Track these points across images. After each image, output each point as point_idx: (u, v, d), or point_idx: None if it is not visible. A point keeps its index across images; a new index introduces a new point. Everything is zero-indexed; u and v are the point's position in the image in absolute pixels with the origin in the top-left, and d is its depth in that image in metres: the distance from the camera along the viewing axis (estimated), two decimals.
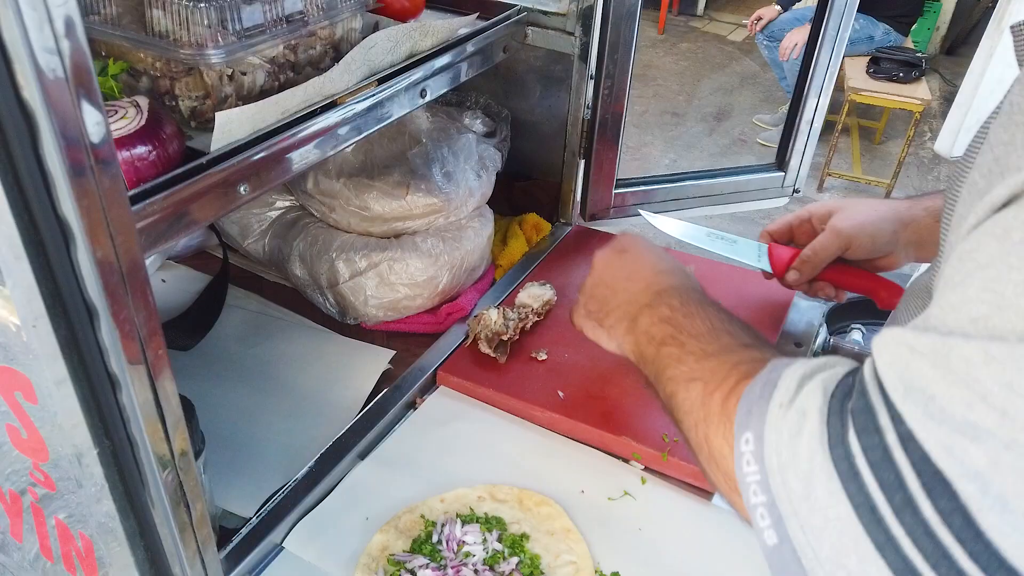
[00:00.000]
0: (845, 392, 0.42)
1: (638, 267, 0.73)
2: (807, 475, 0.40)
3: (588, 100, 1.11)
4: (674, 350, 0.61)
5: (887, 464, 0.37)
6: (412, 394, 0.91)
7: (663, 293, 0.67)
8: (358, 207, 0.98)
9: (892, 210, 0.85)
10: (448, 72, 0.95)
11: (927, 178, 4.16)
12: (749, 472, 0.45)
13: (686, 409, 0.56)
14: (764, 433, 0.44)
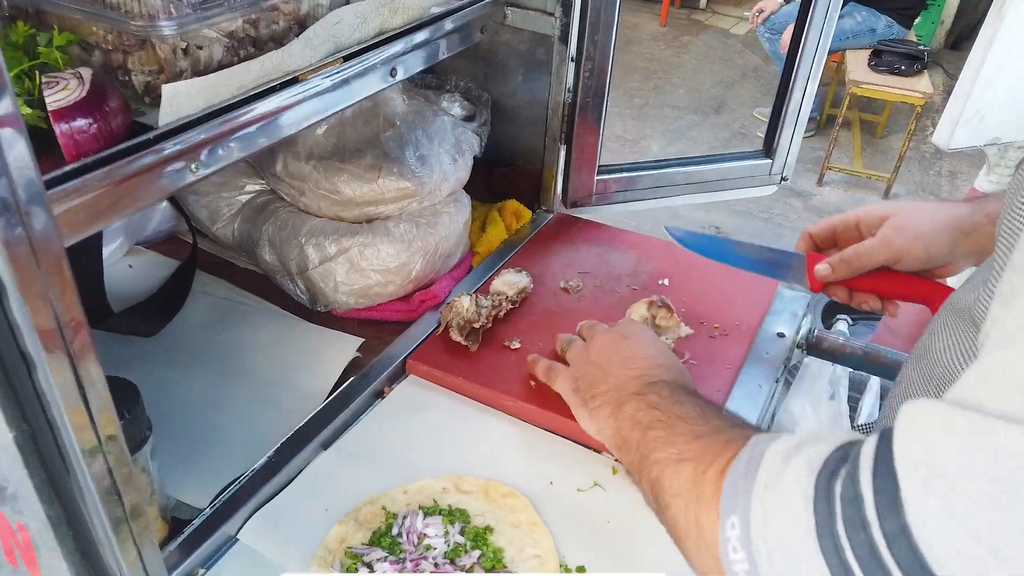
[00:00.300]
0: (832, 471, 0.40)
1: (635, 356, 0.73)
2: (796, 561, 0.39)
3: (569, 83, 1.08)
4: (661, 433, 0.59)
5: (874, 563, 0.36)
6: (380, 383, 0.88)
7: (654, 384, 0.67)
8: (328, 191, 0.96)
9: (952, 217, 0.76)
10: (421, 51, 0.92)
11: (928, 173, 4.12)
12: (736, 560, 0.43)
13: (675, 491, 0.53)
14: (750, 517, 0.43)
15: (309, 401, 0.86)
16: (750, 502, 0.43)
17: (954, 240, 0.76)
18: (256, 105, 0.69)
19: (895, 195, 3.86)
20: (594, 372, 0.75)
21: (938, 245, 0.76)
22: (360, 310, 1.00)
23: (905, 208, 0.78)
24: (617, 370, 0.72)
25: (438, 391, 0.88)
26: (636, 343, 0.76)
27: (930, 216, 0.77)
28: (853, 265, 0.79)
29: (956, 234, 0.75)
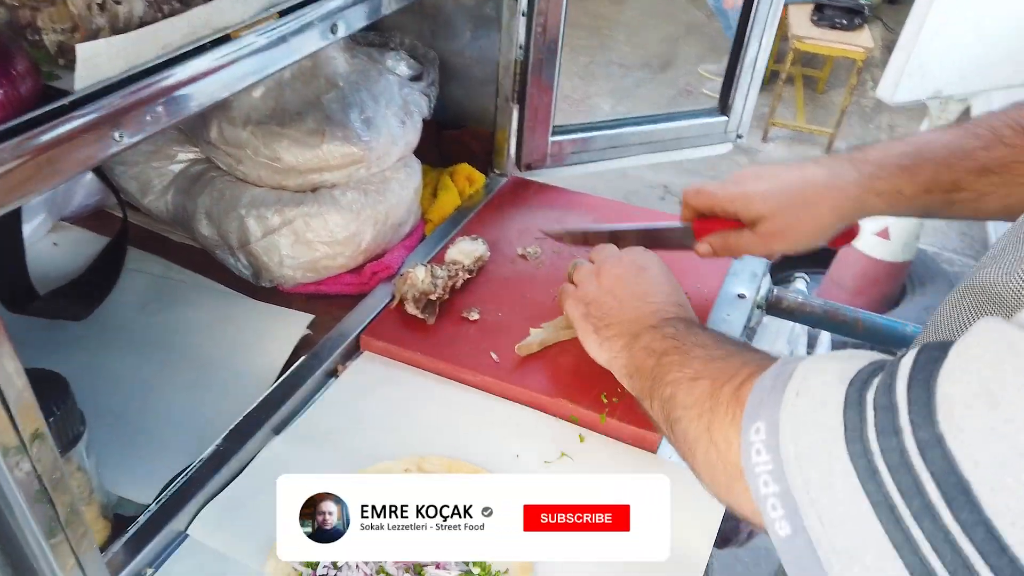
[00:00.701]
0: (863, 381, 0.39)
1: (652, 290, 0.72)
2: (826, 466, 0.39)
3: (521, 40, 1.03)
4: (676, 358, 0.59)
5: (904, 469, 0.35)
6: (333, 361, 0.84)
7: (670, 320, 0.67)
8: (268, 158, 0.90)
9: (835, 211, 0.74)
10: (363, 6, 0.85)
11: (868, 127, 4.18)
12: (759, 462, 0.43)
13: (688, 404, 0.53)
14: (779, 421, 0.42)
15: (257, 384, 0.81)
16: (779, 408, 0.43)
17: (838, 228, 0.75)
18: (184, 66, 0.63)
19: (836, 149, 3.92)
20: (608, 301, 0.73)
21: (822, 237, 0.76)
22: (308, 284, 0.94)
23: (780, 212, 0.75)
24: (634, 302, 0.71)
25: (395, 367, 0.84)
26: (653, 277, 0.74)
27: (814, 217, 0.74)
28: (734, 251, 0.81)
29: (841, 224, 0.75)
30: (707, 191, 0.80)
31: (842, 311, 1.03)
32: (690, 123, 1.21)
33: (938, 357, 0.38)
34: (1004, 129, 0.71)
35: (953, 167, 0.70)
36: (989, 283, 0.55)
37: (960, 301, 0.61)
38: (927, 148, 0.72)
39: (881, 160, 0.73)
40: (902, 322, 1.02)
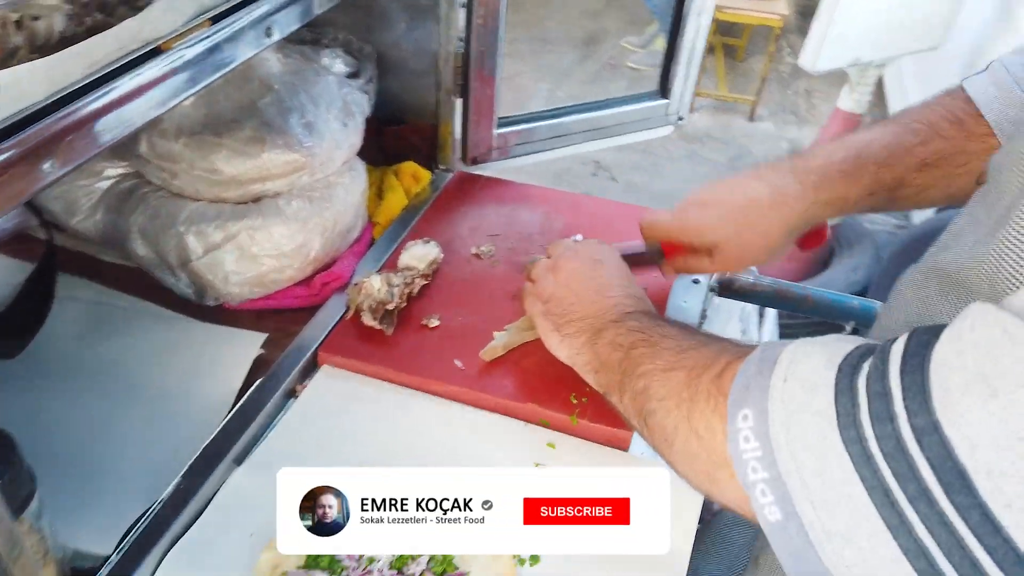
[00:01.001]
0: (853, 367, 0.40)
1: (610, 283, 0.71)
2: (819, 451, 0.39)
3: (460, 31, 1.00)
4: (646, 350, 0.58)
5: (900, 455, 0.36)
6: (291, 381, 0.80)
7: (631, 313, 0.66)
8: (205, 170, 0.85)
9: (785, 228, 0.75)
10: (297, 6, 0.81)
11: (787, 92, 4.29)
12: (748, 449, 0.43)
13: (663, 395, 0.52)
14: (768, 407, 0.42)
15: (213, 413, 0.77)
16: (768, 393, 0.43)
17: (790, 238, 0.77)
18: (114, 84, 0.58)
19: (760, 117, 4.00)
20: (567, 297, 0.72)
21: (780, 251, 0.77)
22: (256, 300, 0.90)
23: (733, 238, 0.76)
24: (592, 296, 0.70)
25: (357, 381, 0.81)
26: (609, 270, 0.73)
27: (765, 235, 0.75)
28: (699, 272, 0.86)
29: (792, 234, 0.76)
30: (660, 225, 0.82)
31: (792, 289, 1.05)
32: (632, 108, 1.20)
33: (928, 341, 0.38)
34: (940, 122, 0.73)
35: (894, 166, 0.72)
36: (954, 268, 0.55)
37: (925, 284, 0.62)
38: (867, 150, 0.73)
39: (823, 169, 0.73)
40: (848, 296, 1.05)
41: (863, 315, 1.02)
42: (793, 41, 4.77)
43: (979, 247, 0.53)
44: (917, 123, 0.73)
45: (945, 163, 0.72)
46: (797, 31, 4.82)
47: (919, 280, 0.63)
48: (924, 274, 0.62)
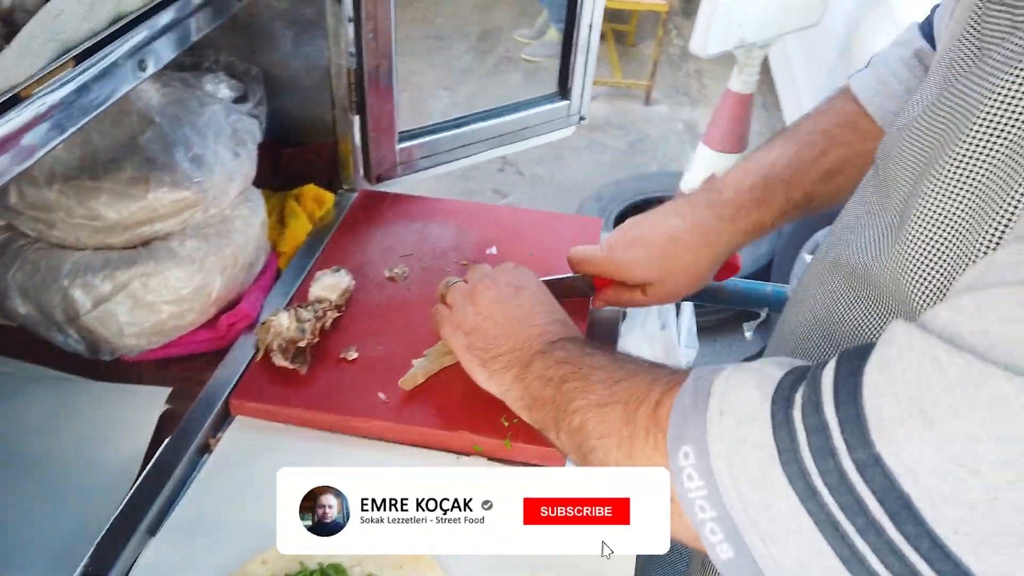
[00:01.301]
0: (786, 399, 0.40)
1: (533, 311, 0.70)
2: (763, 486, 0.39)
3: (351, 47, 0.96)
4: (578, 384, 0.56)
5: (845, 488, 0.36)
6: (203, 435, 0.75)
7: (558, 342, 0.64)
8: (85, 217, 0.78)
9: (709, 260, 0.78)
10: (172, 34, 0.76)
11: (678, 74, 4.39)
12: (692, 488, 0.42)
13: (600, 434, 0.51)
14: (707, 444, 0.42)
15: (119, 481, 0.71)
16: (706, 429, 0.43)
17: (714, 268, 0.79)
18: None
19: (655, 100, 4.08)
20: (490, 329, 0.69)
21: (705, 281, 0.80)
22: (158, 349, 0.84)
23: (662, 276, 0.78)
24: (517, 326, 0.68)
25: (275, 429, 0.77)
26: (531, 296, 0.71)
27: (694, 271, 0.78)
28: (630, 306, 0.85)
29: (717, 264, 0.79)
30: (589, 261, 0.82)
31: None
32: (533, 111, 1.19)
33: (857, 368, 0.38)
34: (834, 129, 0.75)
35: (801, 183, 0.74)
36: (858, 264, 0.56)
37: (830, 278, 0.62)
38: (773, 172, 0.75)
39: (736, 200, 0.75)
40: (760, 283, 1.07)
41: (775, 300, 1.04)
42: (680, 23, 4.89)
43: (881, 244, 0.54)
44: (813, 135, 0.76)
45: (848, 168, 0.74)
46: (683, 13, 4.95)
47: (823, 274, 0.64)
48: (828, 268, 0.63)
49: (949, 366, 0.33)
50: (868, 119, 0.74)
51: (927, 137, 0.50)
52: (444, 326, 0.75)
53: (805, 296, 0.66)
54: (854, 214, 0.62)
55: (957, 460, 0.33)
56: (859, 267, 0.56)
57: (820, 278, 0.64)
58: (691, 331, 1.33)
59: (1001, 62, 0.43)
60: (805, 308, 0.66)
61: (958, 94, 0.47)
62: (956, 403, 0.33)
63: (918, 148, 0.51)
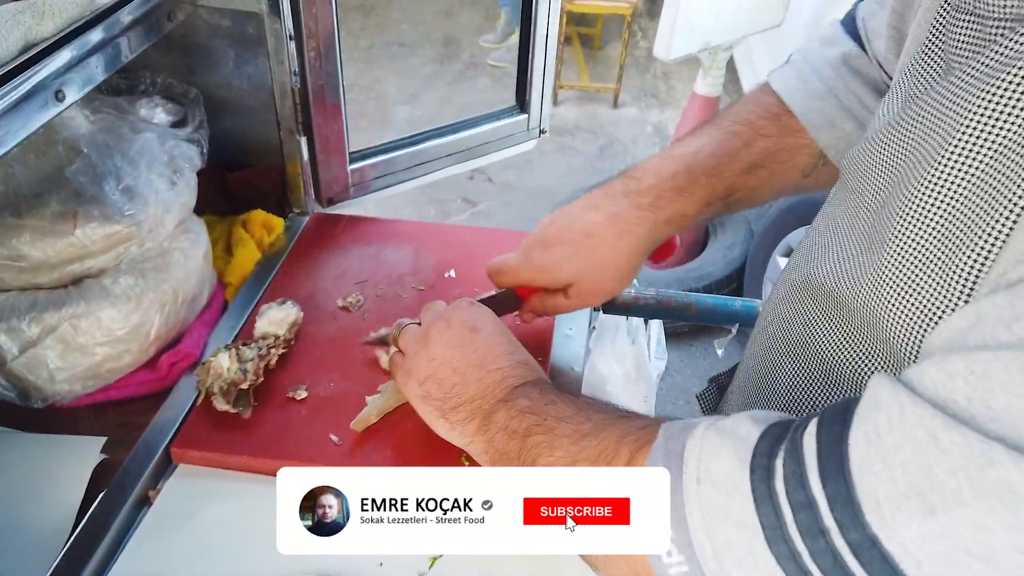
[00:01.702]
0: (766, 468, 0.37)
1: (492, 354, 0.65)
2: (750, 566, 0.37)
3: (294, 66, 0.92)
4: (543, 438, 0.53)
5: (840, 572, 0.34)
6: (143, 487, 0.70)
7: (521, 388, 0.61)
8: (8, 258, 0.73)
9: (632, 255, 0.72)
10: (94, 60, 0.71)
11: (645, 77, 4.39)
12: (672, 563, 0.40)
13: None
14: (686, 516, 0.39)
15: (51, 540, 0.66)
16: (683, 498, 0.40)
17: (639, 262, 0.74)
18: None
19: (623, 103, 4.07)
20: (447, 377, 0.64)
21: (631, 276, 0.75)
22: (95, 393, 0.79)
23: (584, 274, 0.73)
24: (476, 372, 0.63)
25: (219, 478, 0.72)
26: (488, 337, 0.66)
27: (616, 265, 0.72)
28: (556, 312, 0.79)
29: (641, 257, 0.73)
30: (508, 270, 0.76)
31: (674, 298, 1.04)
32: (492, 126, 1.15)
33: (841, 435, 0.35)
34: (758, 120, 0.72)
35: (724, 174, 0.70)
36: (830, 285, 0.53)
37: (801, 300, 0.60)
38: (695, 162, 0.71)
39: (656, 189, 0.71)
40: (730, 299, 1.04)
41: (746, 316, 1.02)
42: (645, 25, 4.89)
43: (851, 264, 0.51)
44: (737, 124, 0.72)
45: (770, 161, 0.71)
46: (648, 15, 4.95)
47: (794, 296, 0.61)
48: (798, 290, 0.60)
49: (948, 445, 0.30)
50: (790, 115, 0.70)
51: (894, 153, 0.47)
52: (398, 375, 0.70)
53: (777, 321, 0.63)
54: (820, 229, 0.60)
55: (966, 548, 0.30)
56: (830, 288, 0.54)
57: (790, 301, 0.61)
58: (660, 342, 1.30)
59: (974, 78, 0.40)
60: (774, 331, 0.63)
61: (926, 109, 0.44)
62: (960, 489, 0.30)
63: (884, 163, 0.49)
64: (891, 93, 0.53)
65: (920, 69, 0.48)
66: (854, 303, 0.50)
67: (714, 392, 0.83)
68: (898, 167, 0.46)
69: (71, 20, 0.67)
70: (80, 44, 0.68)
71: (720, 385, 0.83)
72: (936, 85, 0.44)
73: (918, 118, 0.45)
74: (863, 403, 0.35)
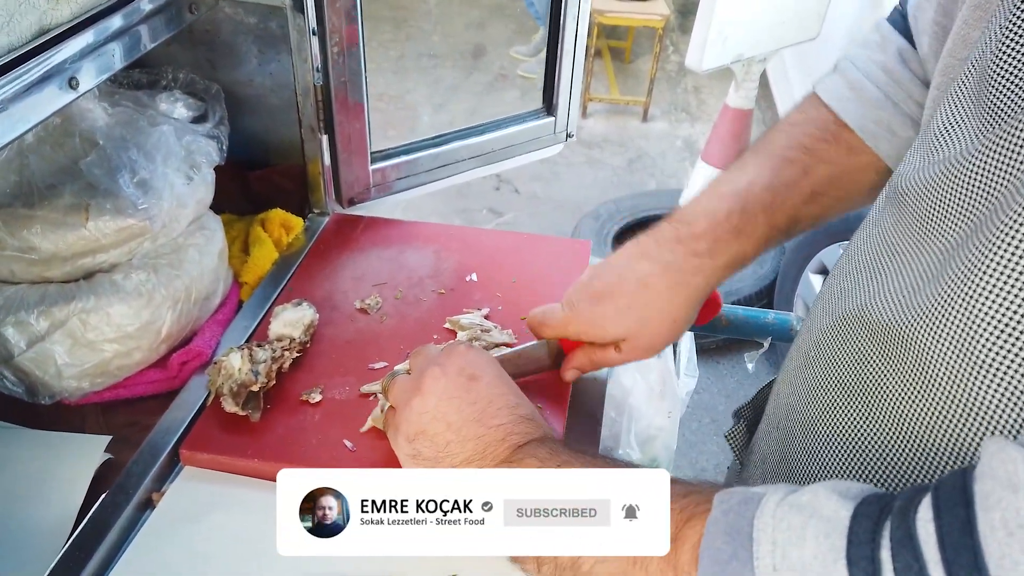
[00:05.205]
0: (868, 558, 0.31)
1: (493, 406, 0.57)
2: None
3: (317, 62, 0.90)
4: None
5: None
6: (146, 489, 0.68)
7: (526, 447, 0.54)
8: (18, 249, 0.71)
9: (688, 306, 0.67)
10: (111, 48, 0.69)
11: (676, 91, 4.35)
12: None
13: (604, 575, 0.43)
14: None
15: (50, 540, 0.64)
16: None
17: (694, 314, 0.68)
18: None
19: (652, 117, 4.04)
20: (440, 433, 0.57)
21: (685, 328, 0.69)
22: (103, 391, 0.77)
23: (638, 330, 0.67)
24: (473, 429, 0.56)
25: (227, 480, 0.69)
26: (488, 386, 0.59)
27: (668, 322, 0.67)
28: (599, 367, 0.73)
29: (696, 308, 0.68)
30: (553, 323, 0.70)
31: None
32: (518, 128, 1.12)
33: (969, 521, 0.30)
34: (816, 145, 0.66)
35: (784, 207, 0.64)
36: (887, 319, 0.47)
37: (853, 338, 0.52)
38: (751, 196, 0.64)
39: (712, 232, 0.64)
40: (763, 311, 1.00)
41: (779, 330, 0.97)
42: (676, 39, 4.85)
43: (916, 296, 0.45)
44: (792, 151, 0.66)
45: (834, 188, 0.66)
46: (679, 29, 4.91)
47: (845, 334, 0.54)
48: (848, 326, 0.53)
49: None
50: (849, 130, 0.65)
51: (976, 184, 0.42)
52: (388, 431, 0.64)
53: (826, 360, 0.55)
54: (871, 255, 0.53)
55: None
56: (887, 322, 0.47)
57: (840, 339, 0.54)
58: (691, 358, 1.25)
59: None
60: (829, 376, 0.55)
61: (1011, 141, 0.39)
62: None
63: (965, 194, 0.43)
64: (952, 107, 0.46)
65: (996, 90, 0.42)
66: (918, 336, 0.44)
67: (743, 432, 0.77)
68: (983, 200, 0.41)
69: (88, 6, 0.66)
70: (97, 31, 0.67)
71: (748, 422, 0.77)
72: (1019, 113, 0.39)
73: (1001, 149, 0.39)
74: (985, 477, 0.30)
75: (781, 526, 0.36)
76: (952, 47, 0.51)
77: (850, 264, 0.56)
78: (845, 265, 0.57)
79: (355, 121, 0.94)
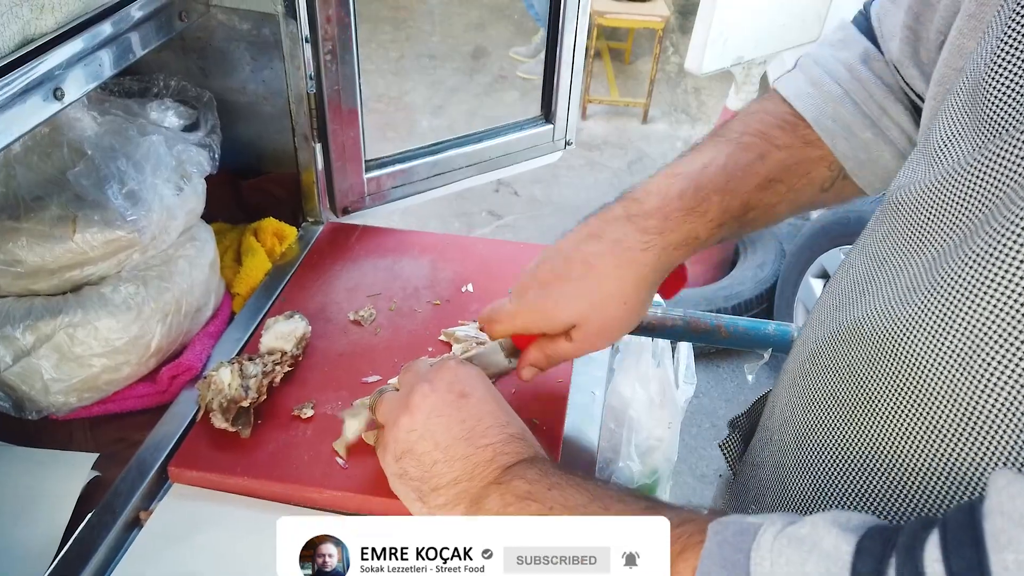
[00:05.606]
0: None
1: (483, 425, 0.56)
2: None
3: (310, 70, 0.88)
4: None
5: None
6: (133, 508, 0.66)
7: (516, 467, 0.53)
8: (4, 262, 0.70)
9: (640, 288, 0.64)
10: (99, 57, 0.68)
11: (676, 92, 4.34)
12: None
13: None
14: None
15: (35, 561, 0.62)
16: None
17: (649, 296, 0.65)
18: None
19: (652, 118, 4.02)
20: (428, 452, 0.55)
21: (642, 312, 0.66)
22: (91, 406, 0.76)
23: (588, 315, 0.64)
24: (462, 448, 0.55)
25: (216, 500, 0.68)
26: (478, 404, 0.57)
27: (619, 305, 0.64)
28: (560, 361, 0.70)
29: (650, 290, 0.65)
30: (502, 317, 0.67)
31: (703, 320, 0.98)
32: (515, 136, 1.11)
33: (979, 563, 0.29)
34: (772, 131, 0.64)
35: (737, 191, 0.63)
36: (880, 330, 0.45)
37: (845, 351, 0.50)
38: (705, 178, 0.63)
39: (663, 210, 0.62)
40: (763, 322, 0.98)
41: (779, 342, 0.96)
42: (676, 41, 4.84)
43: (904, 305, 0.44)
44: (747, 136, 0.64)
45: (788, 175, 0.64)
46: (679, 30, 4.90)
47: (839, 346, 0.52)
48: (842, 338, 0.51)
49: None
50: (806, 125, 0.63)
51: (971, 194, 0.40)
52: (377, 449, 0.62)
53: (820, 374, 0.54)
54: (865, 267, 0.52)
55: None
56: (880, 333, 0.46)
57: (833, 352, 0.52)
58: (689, 366, 1.24)
59: None
60: (822, 391, 0.54)
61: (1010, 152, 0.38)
62: None
63: (961, 204, 0.41)
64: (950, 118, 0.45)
65: (992, 102, 0.40)
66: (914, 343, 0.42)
67: (738, 442, 0.75)
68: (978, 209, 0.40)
69: (73, 15, 0.64)
70: (85, 39, 0.65)
71: (743, 432, 0.75)
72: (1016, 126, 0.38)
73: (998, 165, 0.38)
74: (995, 514, 0.29)
75: (780, 560, 0.34)
76: (948, 57, 0.49)
77: (845, 277, 0.55)
78: (840, 278, 0.56)
79: (349, 129, 0.93)
